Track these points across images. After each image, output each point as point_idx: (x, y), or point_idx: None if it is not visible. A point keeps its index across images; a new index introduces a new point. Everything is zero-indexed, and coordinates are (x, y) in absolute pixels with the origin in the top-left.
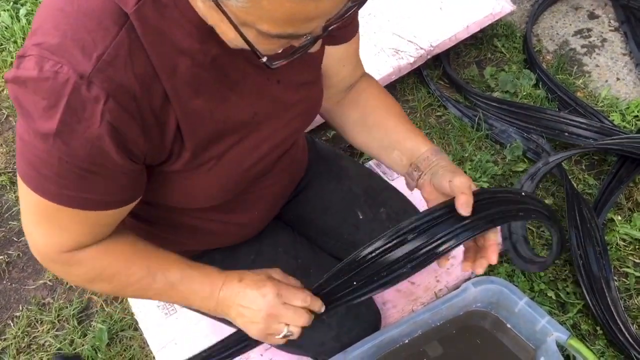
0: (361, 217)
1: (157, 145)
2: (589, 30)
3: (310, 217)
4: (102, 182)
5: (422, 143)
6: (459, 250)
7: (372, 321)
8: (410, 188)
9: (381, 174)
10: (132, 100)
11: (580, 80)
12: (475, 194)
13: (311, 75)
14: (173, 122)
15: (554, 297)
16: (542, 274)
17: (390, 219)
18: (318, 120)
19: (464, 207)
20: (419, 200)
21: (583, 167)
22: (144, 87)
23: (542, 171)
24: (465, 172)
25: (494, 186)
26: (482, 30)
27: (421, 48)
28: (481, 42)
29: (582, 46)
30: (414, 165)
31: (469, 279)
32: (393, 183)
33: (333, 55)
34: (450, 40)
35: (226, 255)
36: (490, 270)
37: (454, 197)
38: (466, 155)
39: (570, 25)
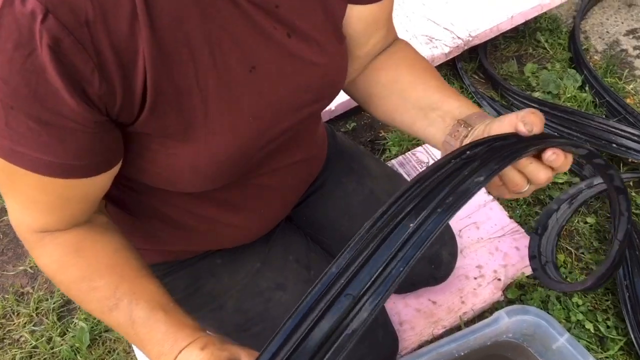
0: None
1: (120, 94)
2: None
3: (326, 221)
4: (58, 139)
5: (470, 105)
6: (489, 268)
7: (388, 346)
8: (444, 150)
9: (405, 175)
10: (83, 25)
11: (631, 86)
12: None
13: (330, 35)
14: (142, 65)
15: (592, 330)
16: (580, 301)
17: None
18: (337, 109)
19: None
20: None
21: (631, 183)
22: (101, 10)
23: (584, 195)
24: None
25: (532, 198)
26: (525, 23)
27: (458, 37)
28: (522, 36)
29: (635, 47)
30: (461, 121)
31: (497, 302)
32: None
33: (362, 18)
34: (491, 31)
35: (229, 259)
36: (522, 294)
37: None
38: None
39: (622, 23)
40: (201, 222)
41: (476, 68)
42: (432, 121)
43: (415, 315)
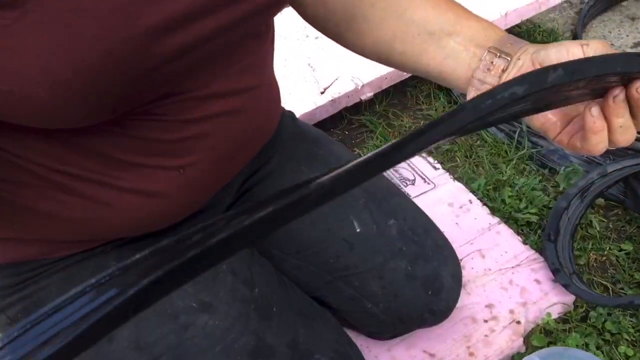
0: (358, 230)
1: None
2: None
3: None
4: None
5: (496, 28)
6: (503, 308)
7: None
8: (472, 91)
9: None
10: None
11: None
12: None
13: None
14: None
15: None
16: (630, 352)
17: (404, 237)
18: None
19: None
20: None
21: None
22: None
23: (597, 187)
24: (504, 199)
25: (545, 221)
26: (519, 26)
27: None
28: None
29: None
30: (494, 50)
31: (518, 353)
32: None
33: None
34: None
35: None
36: (551, 341)
37: None
38: (503, 178)
39: (627, 36)
40: (87, 186)
41: None
42: (451, 51)
43: None
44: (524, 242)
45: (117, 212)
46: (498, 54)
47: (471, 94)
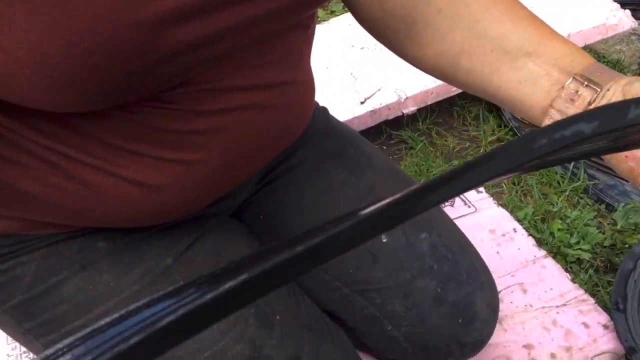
0: (385, 240)
1: None
2: None
3: (293, 224)
4: None
5: (584, 53)
6: (543, 350)
7: None
8: (544, 121)
9: None
10: None
11: None
12: None
13: None
14: None
15: None
16: None
17: (436, 254)
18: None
19: None
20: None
21: None
22: None
23: None
24: (553, 232)
25: (602, 263)
26: (585, 48)
27: None
28: None
29: None
30: (581, 77)
31: None
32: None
33: None
34: None
35: (120, 244)
36: None
37: None
38: (554, 210)
39: None
40: (76, 174)
41: None
42: (528, 73)
43: None
44: (573, 280)
45: (112, 203)
46: (585, 83)
47: (542, 123)
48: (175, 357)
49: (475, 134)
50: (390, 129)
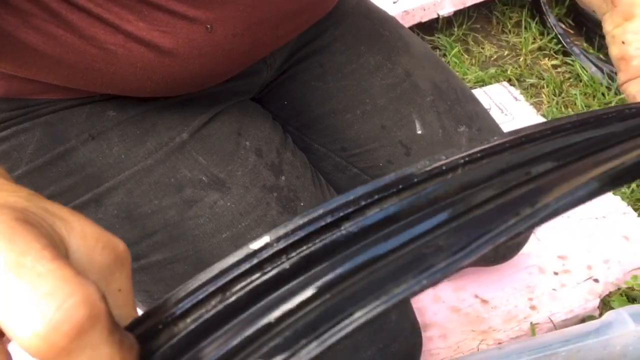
0: (420, 132)
1: None
2: None
3: (319, 110)
4: None
5: None
6: (579, 261)
7: (406, 336)
8: None
9: None
10: None
11: None
12: None
13: None
14: None
15: None
16: None
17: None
18: None
19: None
20: None
21: None
22: None
23: None
24: None
25: None
26: None
27: None
28: None
29: None
30: None
31: (590, 315)
32: None
33: None
34: None
35: (132, 114)
36: None
37: None
38: None
39: None
40: (80, 26)
41: (563, 13)
42: None
43: (450, 318)
44: (614, 193)
45: (122, 65)
46: None
47: None
48: (192, 236)
49: (516, 40)
50: (423, 34)
